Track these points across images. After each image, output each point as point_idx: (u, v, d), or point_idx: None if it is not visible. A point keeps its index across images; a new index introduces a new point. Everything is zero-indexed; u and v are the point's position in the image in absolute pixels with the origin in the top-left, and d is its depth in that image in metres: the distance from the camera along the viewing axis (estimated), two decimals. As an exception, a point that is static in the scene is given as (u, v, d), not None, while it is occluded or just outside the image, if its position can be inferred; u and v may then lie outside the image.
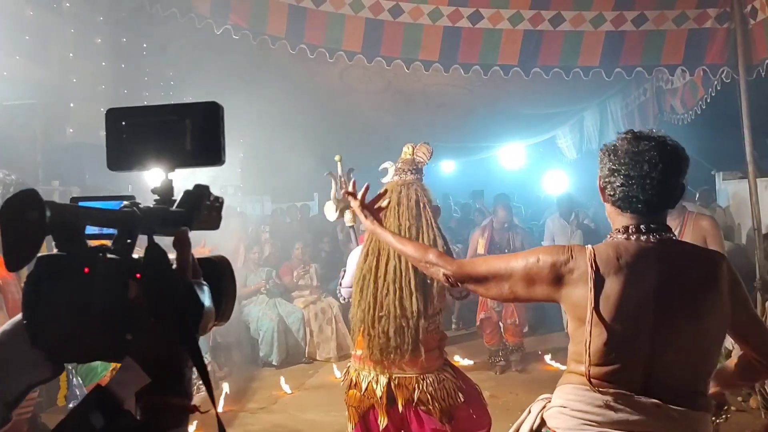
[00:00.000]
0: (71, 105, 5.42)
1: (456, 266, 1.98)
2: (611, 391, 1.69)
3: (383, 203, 2.66)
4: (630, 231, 1.75)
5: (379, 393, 2.93)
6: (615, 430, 1.67)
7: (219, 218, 1.01)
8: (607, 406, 1.69)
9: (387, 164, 3.30)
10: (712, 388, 1.85)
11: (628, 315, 1.69)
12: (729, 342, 3.24)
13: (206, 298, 0.89)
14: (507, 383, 5.95)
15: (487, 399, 5.51)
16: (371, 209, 2.47)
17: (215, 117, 0.99)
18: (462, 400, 2.98)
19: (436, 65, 5.44)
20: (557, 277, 1.77)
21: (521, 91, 6.54)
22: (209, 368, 5.89)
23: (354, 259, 3.19)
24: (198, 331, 0.87)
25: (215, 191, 1.01)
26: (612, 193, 1.78)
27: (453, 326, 8.37)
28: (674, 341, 1.69)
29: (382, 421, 2.95)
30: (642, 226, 1.75)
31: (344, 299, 3.36)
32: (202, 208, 0.96)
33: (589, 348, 1.69)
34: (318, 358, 7.03)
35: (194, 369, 0.88)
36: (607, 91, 7.95)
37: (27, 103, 5.22)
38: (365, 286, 2.95)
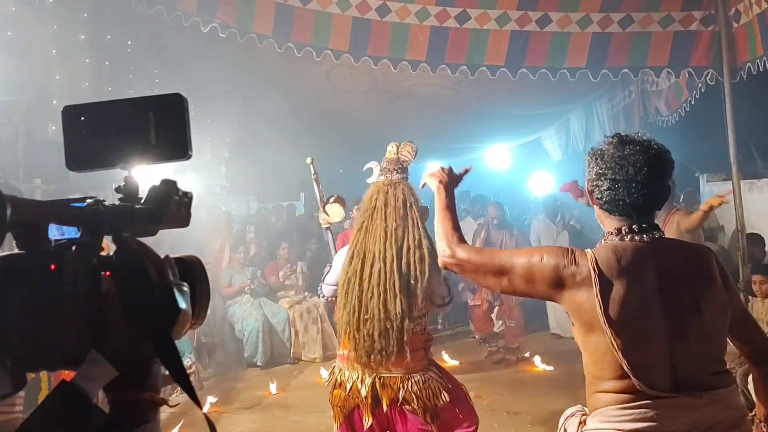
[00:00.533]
0: (54, 102, 5.36)
1: (462, 249, 2.00)
2: (653, 397, 1.69)
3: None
4: (623, 232, 1.80)
5: (363, 393, 2.94)
6: None
7: (188, 215, 0.98)
8: (658, 416, 1.69)
9: (372, 164, 3.29)
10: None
11: (636, 314, 1.72)
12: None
13: (184, 300, 0.86)
14: (492, 384, 5.95)
15: (472, 399, 5.53)
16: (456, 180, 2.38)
17: (179, 109, 0.96)
18: (447, 399, 2.99)
19: (423, 65, 5.43)
20: (559, 279, 1.79)
21: (508, 92, 6.56)
22: (193, 368, 5.87)
23: (340, 258, 3.18)
24: (173, 332, 0.85)
25: (202, 190, 0.97)
26: (600, 197, 1.83)
27: (439, 326, 8.38)
28: (685, 333, 1.73)
29: (367, 421, 2.96)
30: (634, 227, 1.79)
31: (323, 297, 3.35)
32: (171, 205, 0.93)
33: (622, 354, 1.69)
34: (303, 358, 7.00)
35: (175, 368, 0.86)
36: (593, 93, 8.00)
37: (8, 100, 5.15)
38: (350, 289, 2.95)
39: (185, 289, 0.88)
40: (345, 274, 3.00)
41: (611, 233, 1.83)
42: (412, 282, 2.88)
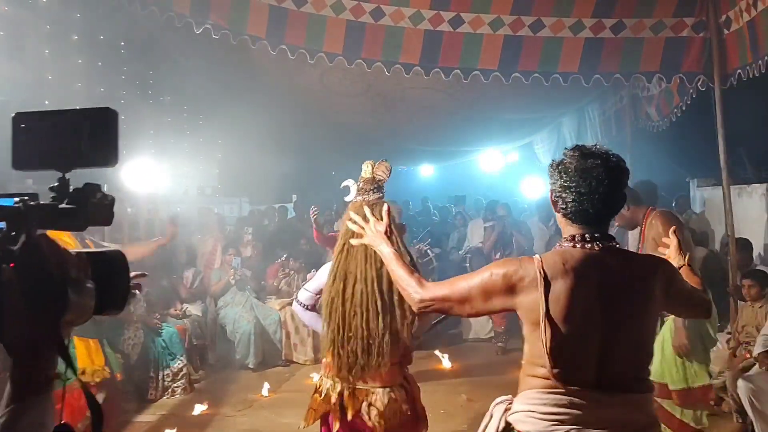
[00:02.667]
0: (46, 102, 5.32)
1: (426, 290, 2.10)
2: (572, 389, 1.84)
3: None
4: (576, 239, 1.93)
5: (333, 400, 3.09)
6: (580, 426, 1.82)
7: (110, 215, 1.09)
8: (571, 405, 1.83)
9: (349, 182, 3.35)
10: None
11: (577, 315, 1.84)
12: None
13: (79, 293, 1.00)
14: (483, 387, 5.96)
15: (463, 402, 5.55)
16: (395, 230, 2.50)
17: (110, 121, 1.09)
18: (408, 416, 3.12)
19: (417, 69, 5.44)
20: (510, 287, 1.91)
21: (501, 96, 6.58)
22: (184, 371, 5.85)
23: (325, 271, 3.24)
24: (65, 321, 0.99)
25: (194, 192, 1.06)
26: (564, 207, 1.95)
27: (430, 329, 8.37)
28: (619, 336, 1.86)
29: (335, 426, 3.08)
30: (587, 236, 1.92)
31: (299, 303, 3.44)
32: (89, 206, 1.05)
33: (549, 350, 1.83)
34: (295, 360, 6.99)
35: (59, 350, 1.00)
36: (585, 98, 8.03)
37: (0, 101, 5.12)
38: (333, 310, 3.05)
39: (87, 284, 1.03)
40: (328, 294, 3.09)
41: (566, 239, 1.96)
42: (394, 302, 2.97)
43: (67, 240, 3.37)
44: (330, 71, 6.30)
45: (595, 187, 1.87)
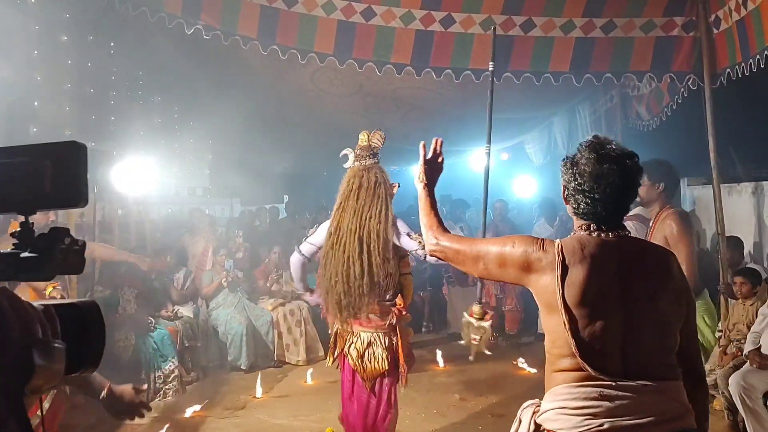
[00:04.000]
0: (35, 104, 5.28)
1: (444, 237, 2.22)
2: (601, 380, 1.81)
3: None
4: (592, 228, 1.95)
5: (331, 338, 3.83)
6: (615, 417, 1.79)
7: (81, 262, 0.98)
8: (602, 397, 1.80)
9: (347, 150, 3.82)
10: None
11: (593, 299, 1.84)
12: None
13: (46, 357, 0.86)
14: (477, 387, 5.97)
15: (456, 402, 5.56)
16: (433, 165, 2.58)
17: (76, 157, 0.98)
18: (386, 368, 3.61)
19: (408, 68, 5.44)
20: (527, 263, 1.95)
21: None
22: (176, 373, 5.82)
23: (326, 225, 3.73)
24: (30, 388, 0.85)
25: (184, 193, 0.99)
26: (576, 206, 1.98)
27: (423, 329, 8.39)
28: (639, 322, 1.85)
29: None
30: (603, 226, 1.95)
31: (298, 251, 3.93)
32: (56, 253, 0.94)
33: (570, 332, 1.82)
34: (287, 361, 6.97)
35: (20, 424, 0.86)
36: (575, 97, 8.06)
37: (-12, 102, 5.08)
38: (328, 261, 3.56)
39: (54, 345, 0.88)
40: (325, 247, 3.60)
41: (581, 227, 1.98)
42: (370, 247, 3.45)
43: None
44: (321, 71, 6.29)
45: (609, 193, 1.90)
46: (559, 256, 1.88)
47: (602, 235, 1.93)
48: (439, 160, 2.59)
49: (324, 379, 6.28)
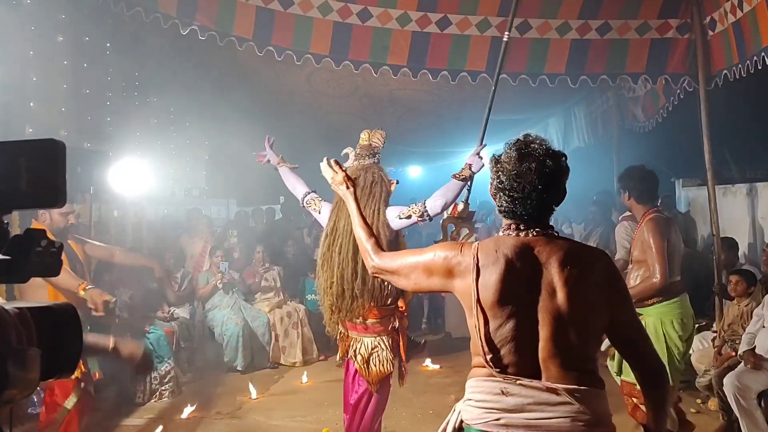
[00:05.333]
0: (31, 104, 5.27)
1: (379, 258, 2.23)
2: (506, 376, 1.84)
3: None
4: (512, 227, 1.96)
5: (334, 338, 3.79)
6: (511, 413, 1.82)
7: (57, 264, 0.95)
8: (502, 392, 1.84)
9: (348, 150, 3.79)
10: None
11: (506, 301, 1.85)
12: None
13: (20, 365, 0.83)
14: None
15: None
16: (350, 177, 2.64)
17: (54, 155, 0.95)
18: (389, 370, 3.61)
19: (404, 70, 5.45)
20: (448, 270, 1.99)
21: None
22: (172, 374, 5.81)
23: (326, 208, 3.76)
24: (5, 397, 0.82)
25: (181, 193, 0.97)
26: (499, 205, 1.98)
27: (423, 328, 8.39)
28: (554, 325, 1.83)
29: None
30: (521, 225, 1.95)
31: (302, 195, 4.00)
32: (31, 256, 0.91)
33: (481, 335, 1.86)
34: (283, 362, 6.97)
35: None
36: (571, 99, 8.09)
37: (-16, 102, 5.07)
38: (324, 262, 3.54)
39: (29, 353, 0.86)
40: (321, 248, 3.59)
41: (505, 228, 1.99)
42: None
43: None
44: (317, 72, 6.30)
45: (528, 192, 1.89)
46: (474, 258, 1.91)
47: (521, 234, 1.92)
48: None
49: (320, 380, 6.29)
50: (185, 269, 7.13)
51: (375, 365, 3.59)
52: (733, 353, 4.77)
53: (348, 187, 2.55)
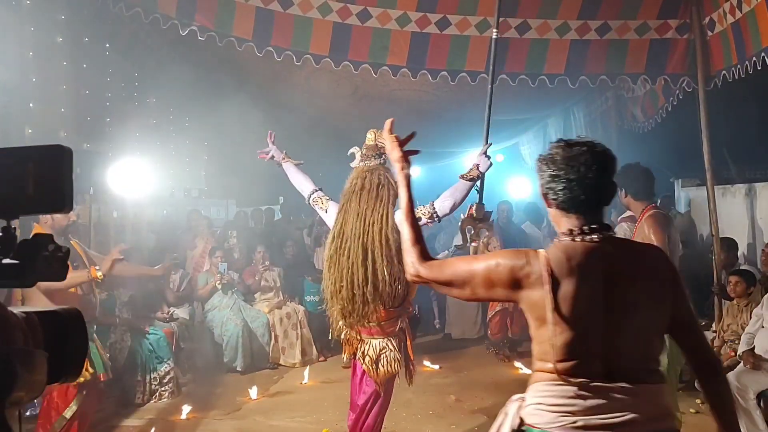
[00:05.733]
0: (30, 105, 5.27)
1: (426, 267, 2.10)
2: (578, 381, 1.83)
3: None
4: (574, 233, 1.91)
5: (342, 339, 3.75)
6: (588, 416, 1.81)
7: (64, 269, 0.97)
8: (577, 396, 1.83)
9: (354, 149, 3.73)
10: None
11: (582, 312, 1.84)
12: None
13: (28, 367, 0.84)
14: (472, 388, 5.98)
15: (452, 403, 5.56)
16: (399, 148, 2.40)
17: (60, 161, 0.96)
18: (395, 371, 3.63)
19: (404, 70, 5.45)
20: (515, 281, 1.91)
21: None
22: (172, 374, 5.81)
23: (333, 208, 3.74)
24: (11, 399, 0.82)
25: (180, 194, 0.97)
26: (555, 197, 1.93)
27: (418, 333, 8.38)
28: (623, 329, 1.85)
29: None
30: (585, 227, 1.90)
31: (309, 193, 3.99)
32: (38, 260, 0.93)
33: (558, 347, 1.84)
34: (282, 363, 6.96)
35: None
36: (571, 99, 8.08)
37: (-17, 103, 5.07)
38: (332, 265, 3.48)
39: (36, 355, 0.86)
40: (328, 250, 3.52)
41: (564, 234, 1.94)
42: (374, 254, 3.39)
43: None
44: (317, 73, 6.29)
45: (584, 172, 1.87)
46: (546, 269, 1.85)
47: (586, 239, 1.89)
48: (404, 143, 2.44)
49: (319, 381, 6.29)
50: (184, 270, 7.12)
51: (383, 366, 3.60)
52: (732, 353, 4.77)
53: (403, 168, 2.32)
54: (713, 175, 5.55)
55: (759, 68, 4.72)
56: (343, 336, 3.74)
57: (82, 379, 4.14)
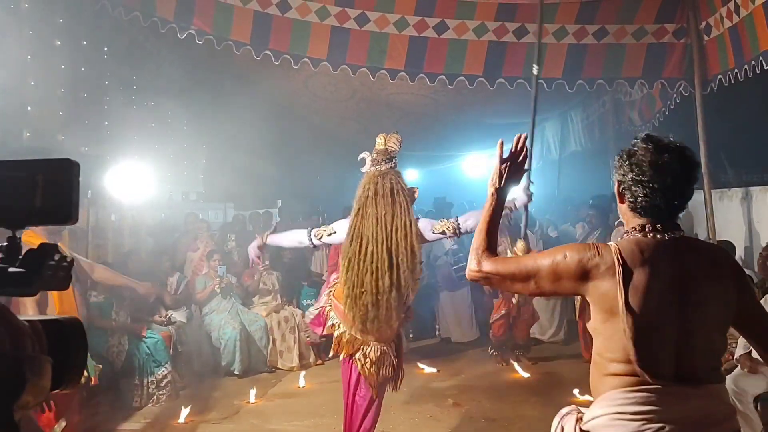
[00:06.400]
0: (28, 108, 5.27)
1: (490, 262, 2.06)
2: (657, 384, 1.78)
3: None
4: (647, 229, 1.88)
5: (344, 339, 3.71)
6: (670, 422, 1.76)
7: (67, 278, 0.99)
8: (659, 401, 1.77)
9: (365, 154, 3.74)
10: None
11: (653, 305, 1.80)
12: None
13: (37, 372, 0.86)
14: (470, 391, 5.98)
15: (450, 407, 5.56)
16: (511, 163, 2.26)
17: (69, 174, 0.99)
18: (390, 374, 3.66)
19: (402, 74, 5.47)
20: (584, 272, 1.87)
21: (485, 101, 6.62)
22: (169, 378, 5.80)
23: (341, 225, 3.74)
24: (20, 404, 0.84)
25: (177, 197, 0.99)
26: (633, 200, 1.89)
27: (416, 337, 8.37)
28: (693, 327, 1.81)
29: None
30: (658, 226, 1.88)
31: (310, 237, 3.90)
32: (44, 269, 0.95)
33: (633, 340, 1.78)
34: (280, 366, 6.96)
35: None
36: (568, 103, 8.11)
37: (-18, 106, 5.06)
38: (350, 268, 3.48)
39: (43, 361, 0.89)
40: (346, 254, 3.53)
41: (634, 229, 1.91)
42: (399, 260, 3.41)
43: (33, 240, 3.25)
44: (315, 77, 6.31)
45: (670, 183, 1.84)
46: (618, 260, 1.82)
47: (657, 236, 1.87)
48: (520, 159, 2.29)
49: (317, 385, 6.28)
50: (181, 273, 7.12)
51: (382, 370, 3.63)
52: (730, 357, 4.78)
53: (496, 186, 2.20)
54: (710, 179, 5.57)
55: (758, 72, 4.74)
56: (344, 336, 3.70)
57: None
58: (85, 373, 4.31)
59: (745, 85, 5.19)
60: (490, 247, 2.10)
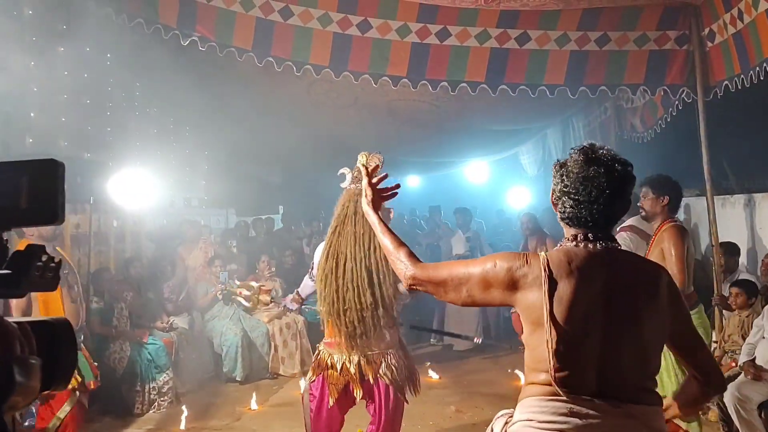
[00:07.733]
0: (31, 115, 5.28)
1: (419, 269, 2.06)
2: (573, 396, 1.75)
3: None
4: (579, 239, 1.87)
5: (352, 371, 3.51)
6: None
7: (56, 279, 0.99)
8: (571, 413, 1.74)
9: (344, 169, 3.73)
10: (670, 413, 2.00)
11: (580, 316, 1.77)
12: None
13: (25, 374, 0.86)
14: (472, 399, 5.96)
15: (452, 414, 5.55)
16: (375, 189, 2.43)
17: (54, 175, 0.98)
18: (406, 376, 3.64)
19: (404, 81, 5.47)
20: (512, 281, 1.86)
21: (488, 108, 6.62)
22: (171, 384, 5.79)
23: (320, 249, 3.70)
24: (8, 405, 0.84)
25: (179, 203, 0.99)
26: (562, 210, 1.90)
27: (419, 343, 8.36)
28: (621, 342, 1.77)
29: (358, 393, 3.54)
30: (590, 235, 1.86)
31: (311, 277, 3.96)
32: (32, 270, 0.95)
33: (553, 351, 1.75)
34: (282, 373, 6.95)
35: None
36: (570, 109, 8.11)
37: (-15, 113, 5.07)
38: (327, 284, 3.48)
39: (32, 362, 0.88)
40: (322, 271, 3.52)
41: (568, 239, 1.90)
42: (380, 277, 3.42)
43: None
44: (317, 83, 6.31)
45: (595, 196, 1.81)
46: (545, 270, 1.79)
47: (589, 246, 1.84)
48: (387, 192, 2.43)
49: (319, 391, 6.27)
50: (180, 279, 7.11)
51: (401, 372, 3.62)
52: (734, 364, 4.76)
53: (369, 204, 2.37)
54: (713, 186, 5.56)
55: (762, 78, 4.73)
56: (354, 365, 3.54)
57: (70, 387, 4.16)
58: (82, 378, 4.31)
59: (747, 92, 5.19)
60: (405, 250, 2.13)
